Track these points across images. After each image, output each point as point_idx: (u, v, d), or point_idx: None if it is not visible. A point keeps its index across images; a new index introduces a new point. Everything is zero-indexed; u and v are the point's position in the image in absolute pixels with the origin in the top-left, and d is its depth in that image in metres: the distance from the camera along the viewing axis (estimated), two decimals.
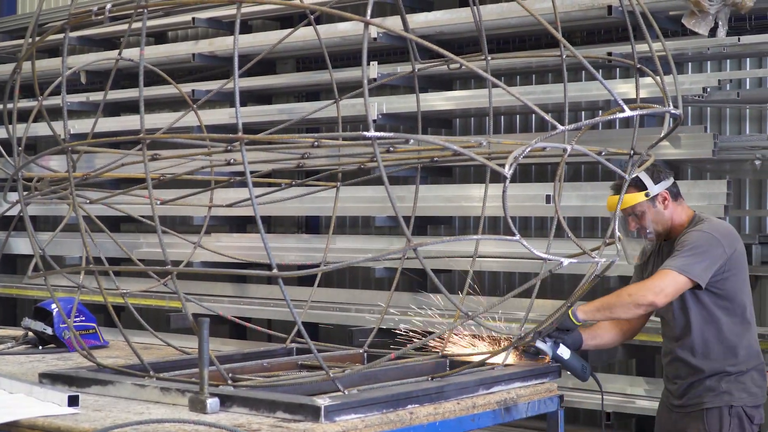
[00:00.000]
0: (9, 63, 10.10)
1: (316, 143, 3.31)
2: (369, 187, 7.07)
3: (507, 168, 3.11)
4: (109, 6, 3.71)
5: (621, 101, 3.49)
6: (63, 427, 3.23)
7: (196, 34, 9.85)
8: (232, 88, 3.29)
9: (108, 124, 8.83)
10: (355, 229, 8.68)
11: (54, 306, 4.82)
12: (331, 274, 8.60)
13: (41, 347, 4.91)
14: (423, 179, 5.04)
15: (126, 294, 4.57)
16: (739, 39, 6.36)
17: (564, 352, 4.16)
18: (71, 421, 3.27)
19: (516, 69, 7.60)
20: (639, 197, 4.28)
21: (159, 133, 4.35)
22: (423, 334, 4.51)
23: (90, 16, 3.77)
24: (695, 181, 6.55)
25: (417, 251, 3.22)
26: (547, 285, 7.13)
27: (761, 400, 4.33)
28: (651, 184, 4.29)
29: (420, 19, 7.51)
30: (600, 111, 7.16)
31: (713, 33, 6.33)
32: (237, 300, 7.80)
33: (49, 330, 4.87)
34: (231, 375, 3.65)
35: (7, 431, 3.29)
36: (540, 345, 4.13)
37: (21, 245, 9.27)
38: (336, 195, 4.95)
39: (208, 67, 9.17)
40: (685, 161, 6.61)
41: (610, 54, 6.27)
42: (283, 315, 7.39)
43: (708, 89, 6.29)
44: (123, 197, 4.88)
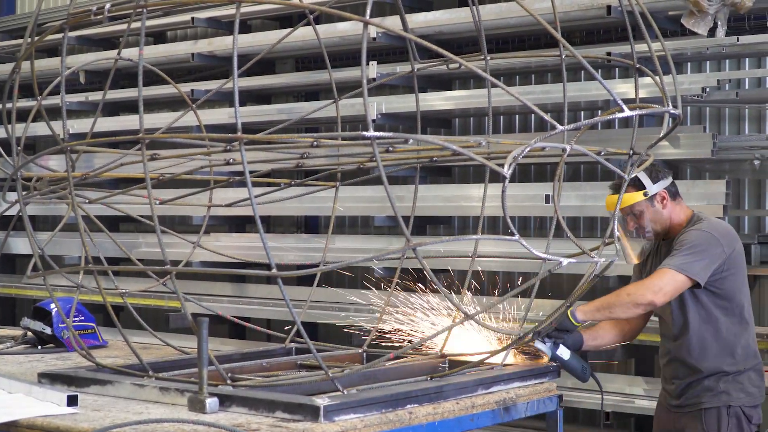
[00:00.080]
0: (8, 63, 10.10)
1: (315, 143, 3.31)
2: (368, 187, 7.08)
3: (506, 168, 3.11)
4: (108, 6, 3.71)
5: (620, 101, 3.49)
6: (62, 427, 3.23)
7: (195, 33, 9.85)
8: (231, 87, 3.29)
9: (107, 123, 8.83)
10: (355, 229, 8.67)
11: (53, 306, 4.82)
12: (331, 273, 8.60)
13: (40, 347, 4.91)
14: (422, 179, 5.03)
15: (125, 294, 4.56)
16: (738, 39, 6.36)
17: (564, 352, 4.15)
18: (70, 421, 3.27)
19: (515, 69, 7.60)
20: (637, 197, 4.28)
21: (158, 133, 4.34)
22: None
23: (89, 15, 3.77)
24: (694, 181, 6.55)
25: (416, 251, 3.22)
26: (547, 285, 7.13)
27: (759, 400, 4.33)
28: (649, 183, 4.29)
29: (419, 19, 7.51)
30: (599, 111, 7.16)
31: (712, 33, 6.34)
32: (236, 300, 7.80)
33: (48, 330, 4.87)
34: (230, 375, 3.65)
35: (6, 431, 3.29)
36: (539, 345, 4.11)
37: (20, 245, 9.27)
38: (335, 195, 4.95)
39: (207, 67, 9.17)
40: (684, 161, 6.61)
41: (609, 54, 6.27)
42: (283, 315, 7.39)
43: (707, 89, 6.30)
44: (122, 197, 4.88)
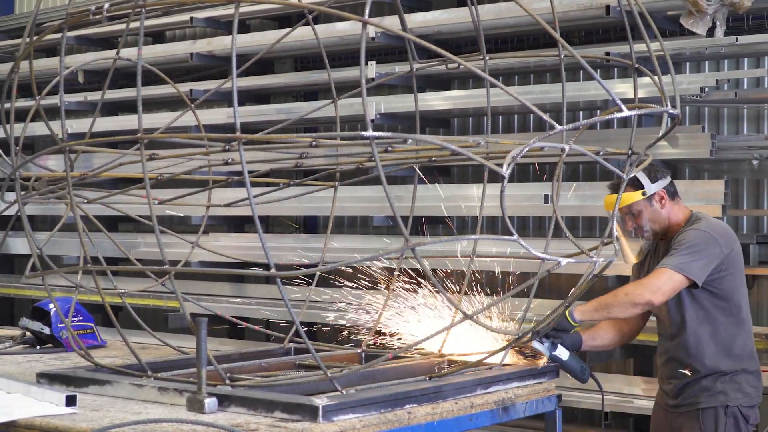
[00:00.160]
0: (7, 62, 10.09)
1: (314, 143, 3.31)
2: (367, 187, 7.07)
3: (505, 168, 3.11)
4: (107, 5, 3.71)
5: (619, 101, 3.49)
6: (61, 427, 3.23)
7: (194, 33, 9.84)
8: (230, 87, 3.29)
9: (106, 123, 8.82)
10: (353, 229, 8.67)
11: (52, 306, 4.82)
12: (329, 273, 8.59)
13: (39, 347, 4.91)
14: (421, 179, 5.04)
15: (124, 294, 4.56)
16: (737, 39, 6.36)
17: (562, 352, 4.14)
18: (69, 421, 3.27)
19: (514, 69, 7.60)
20: (636, 196, 4.27)
21: (157, 133, 4.33)
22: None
23: (88, 15, 3.77)
24: (693, 181, 6.55)
25: (415, 251, 3.22)
26: (546, 285, 7.13)
27: (757, 400, 4.32)
28: (648, 183, 4.29)
29: (418, 19, 7.51)
30: (598, 111, 7.16)
31: (711, 33, 6.33)
32: (235, 300, 7.80)
33: (47, 330, 4.87)
34: (229, 375, 3.65)
35: (5, 431, 3.29)
36: (537, 346, 4.10)
37: (19, 245, 9.26)
38: (334, 195, 4.95)
39: (206, 67, 9.16)
40: (683, 161, 6.61)
41: (608, 54, 6.27)
42: (282, 315, 7.38)
43: (706, 89, 6.30)
44: (121, 197, 4.88)
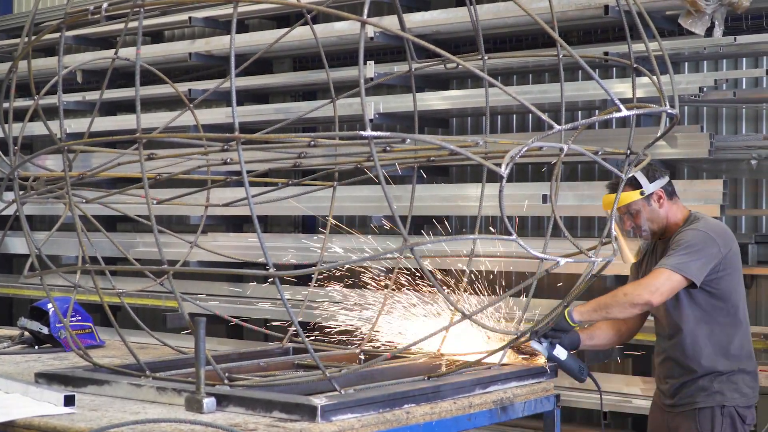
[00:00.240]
0: (5, 62, 10.08)
1: (312, 143, 3.31)
2: (365, 187, 7.07)
3: (503, 167, 3.11)
4: (105, 5, 3.71)
5: (617, 101, 3.50)
6: (59, 427, 3.23)
7: (192, 33, 9.84)
8: (228, 87, 3.29)
9: (104, 123, 8.82)
10: (352, 229, 8.66)
11: (50, 305, 4.81)
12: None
13: (37, 347, 4.91)
14: (420, 179, 5.04)
15: (122, 293, 4.56)
16: (736, 39, 6.36)
17: (561, 352, 4.14)
18: (67, 421, 3.26)
19: (513, 68, 7.60)
20: (634, 196, 4.27)
21: (155, 133, 4.33)
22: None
23: (86, 15, 3.77)
24: (691, 181, 6.56)
25: (414, 251, 3.22)
26: (544, 285, 7.14)
27: (753, 400, 4.32)
28: (646, 182, 4.28)
29: (417, 19, 7.51)
30: (597, 110, 7.16)
31: (710, 33, 6.34)
32: (234, 300, 7.79)
33: (46, 329, 4.87)
34: (227, 374, 3.65)
35: (3, 431, 3.29)
36: (535, 345, 4.10)
37: (17, 245, 9.25)
38: (333, 194, 4.95)
39: (204, 67, 9.16)
40: (682, 161, 6.61)
41: (606, 54, 6.27)
42: (280, 314, 7.38)
43: (704, 89, 6.30)
44: (119, 197, 4.88)
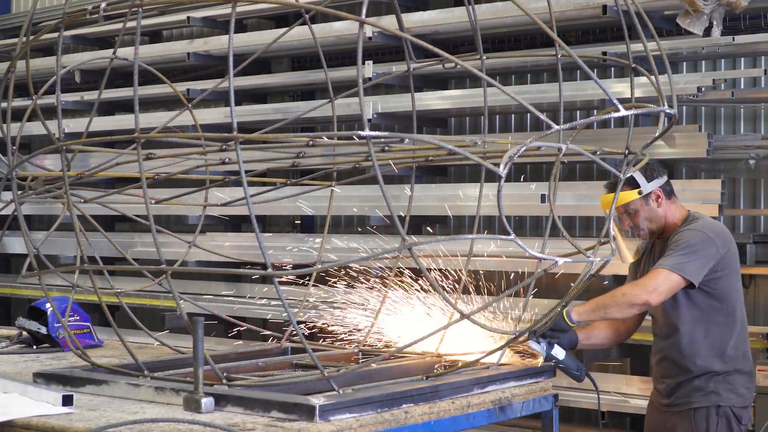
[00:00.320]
0: (3, 62, 10.08)
1: (311, 142, 3.31)
2: (364, 187, 7.07)
3: (502, 167, 3.11)
4: (104, 5, 3.71)
5: (616, 101, 3.50)
6: (57, 427, 3.22)
7: (191, 33, 9.84)
8: (227, 87, 3.29)
9: (103, 123, 8.82)
10: (350, 229, 8.67)
11: (48, 305, 4.81)
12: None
13: (35, 347, 4.91)
14: (418, 178, 5.03)
15: (121, 293, 4.56)
16: (734, 39, 6.37)
17: (559, 352, 4.14)
18: (65, 421, 3.26)
19: (511, 68, 7.60)
20: (632, 195, 4.27)
21: (154, 132, 4.34)
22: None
23: (84, 14, 3.76)
24: (690, 181, 6.56)
25: (412, 250, 3.22)
26: (542, 284, 7.14)
27: (749, 400, 4.32)
28: (644, 182, 4.28)
29: (415, 19, 7.51)
30: (595, 110, 7.16)
31: (708, 32, 6.34)
32: (232, 299, 7.79)
33: (44, 329, 4.86)
34: (226, 374, 3.65)
35: (1, 431, 3.29)
36: (533, 345, 4.10)
37: (15, 244, 9.25)
38: (331, 194, 4.95)
39: (202, 66, 9.16)
40: (680, 160, 6.61)
41: (605, 53, 6.28)
42: (279, 314, 7.38)
43: (702, 89, 6.30)
44: (118, 196, 4.87)
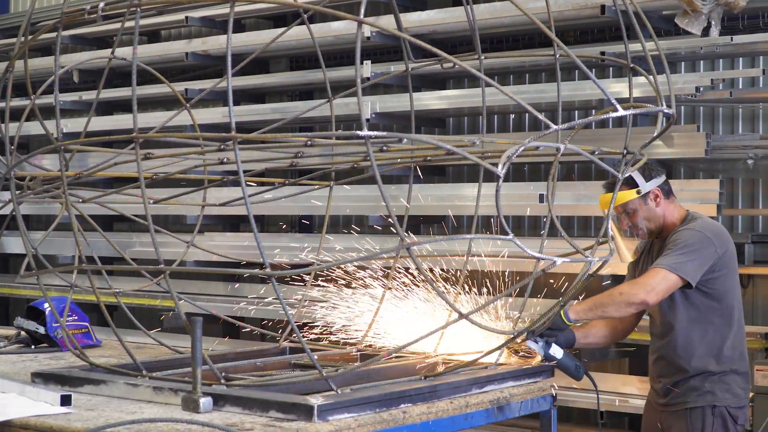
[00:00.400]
0: (2, 61, 10.07)
1: (309, 142, 3.31)
2: (362, 186, 7.07)
3: (500, 167, 3.11)
4: (102, 5, 3.71)
5: (614, 100, 3.50)
6: (55, 427, 3.22)
7: (189, 32, 9.83)
8: (225, 87, 3.29)
9: (101, 123, 8.81)
10: (349, 228, 8.66)
11: (47, 305, 4.81)
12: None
13: (34, 346, 4.90)
14: (416, 178, 5.05)
15: (119, 293, 4.56)
16: (732, 38, 6.37)
17: (556, 351, 4.15)
18: (64, 421, 3.26)
19: (509, 68, 7.60)
20: (631, 194, 4.27)
21: (152, 132, 4.34)
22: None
23: (83, 14, 3.77)
24: (688, 180, 6.56)
25: (410, 250, 3.22)
26: (541, 284, 7.14)
27: (745, 401, 4.31)
28: (642, 181, 4.28)
29: (413, 18, 7.51)
30: (593, 110, 7.16)
31: (706, 32, 6.34)
32: (230, 299, 7.79)
33: (42, 329, 4.86)
34: (224, 374, 3.65)
35: (0, 431, 3.29)
36: (531, 345, 4.10)
37: (13, 244, 9.25)
38: (329, 194, 4.95)
39: (201, 66, 9.16)
40: (678, 160, 6.61)
41: (603, 53, 6.28)
42: (277, 314, 7.38)
43: (701, 88, 6.30)
44: (116, 196, 4.87)
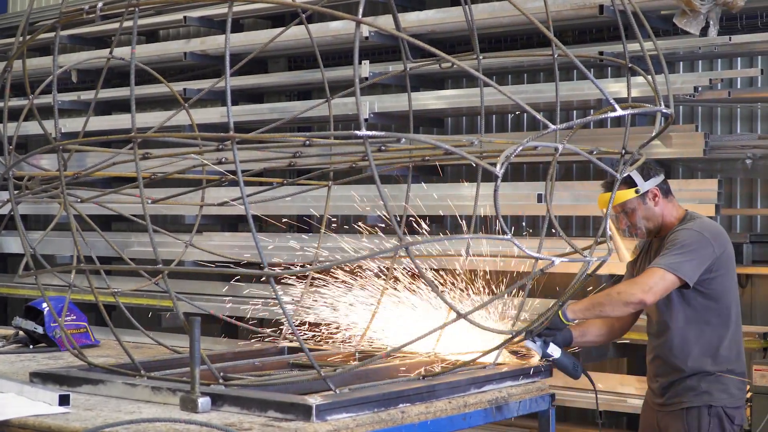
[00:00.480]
0: (0, 61, 10.07)
1: (307, 142, 3.31)
2: (360, 186, 7.07)
3: (498, 167, 3.11)
4: (100, 4, 3.70)
5: (612, 100, 3.50)
6: (54, 427, 3.22)
7: (187, 32, 9.83)
8: (223, 86, 3.29)
9: (99, 122, 8.81)
10: (347, 228, 8.66)
11: (45, 305, 4.80)
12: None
13: (32, 346, 4.90)
14: (414, 178, 5.05)
15: (117, 293, 4.55)
16: (731, 38, 6.37)
17: (554, 350, 4.15)
18: (62, 421, 3.26)
19: (508, 68, 7.60)
20: (629, 194, 4.27)
21: (150, 132, 4.34)
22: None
23: (81, 14, 3.76)
24: (686, 180, 6.56)
25: (409, 250, 3.22)
26: (539, 284, 7.13)
27: (742, 401, 4.31)
28: (641, 180, 4.28)
29: (412, 18, 7.51)
30: (591, 110, 7.16)
31: (704, 32, 6.35)
32: (229, 299, 7.78)
33: (40, 329, 4.86)
34: (222, 374, 3.65)
35: None
36: (529, 345, 4.10)
37: (12, 244, 9.24)
38: (328, 194, 4.95)
39: (199, 66, 9.16)
40: (677, 160, 6.62)
41: (601, 53, 6.28)
42: (276, 314, 7.37)
43: (699, 88, 6.30)
44: (114, 196, 4.87)
